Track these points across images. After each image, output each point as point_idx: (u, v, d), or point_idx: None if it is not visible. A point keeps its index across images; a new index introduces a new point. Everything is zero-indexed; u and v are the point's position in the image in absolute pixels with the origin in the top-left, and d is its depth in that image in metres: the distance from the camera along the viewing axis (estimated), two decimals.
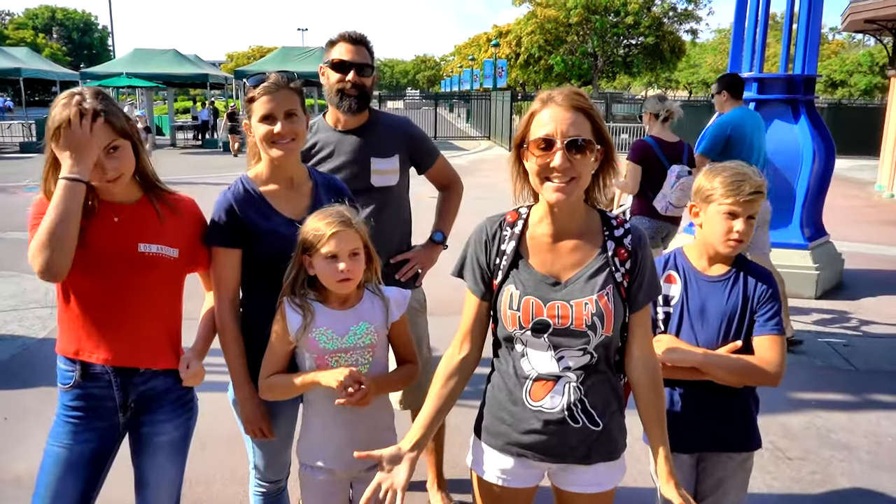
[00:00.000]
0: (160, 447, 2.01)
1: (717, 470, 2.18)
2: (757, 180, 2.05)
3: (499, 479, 1.81)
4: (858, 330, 5.66)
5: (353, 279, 1.95)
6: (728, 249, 2.08)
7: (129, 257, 1.90)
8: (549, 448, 1.73)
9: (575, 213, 1.72)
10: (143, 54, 24.19)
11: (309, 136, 2.73)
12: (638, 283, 1.73)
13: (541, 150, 1.62)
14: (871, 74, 43.30)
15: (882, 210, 12.17)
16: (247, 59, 62.61)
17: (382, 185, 2.74)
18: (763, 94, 6.83)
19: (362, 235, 1.97)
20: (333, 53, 2.68)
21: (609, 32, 38.91)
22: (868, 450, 3.68)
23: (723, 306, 2.08)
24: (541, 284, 1.71)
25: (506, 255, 1.75)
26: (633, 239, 1.74)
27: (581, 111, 1.63)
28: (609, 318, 1.67)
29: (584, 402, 1.71)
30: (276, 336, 2.00)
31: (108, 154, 1.81)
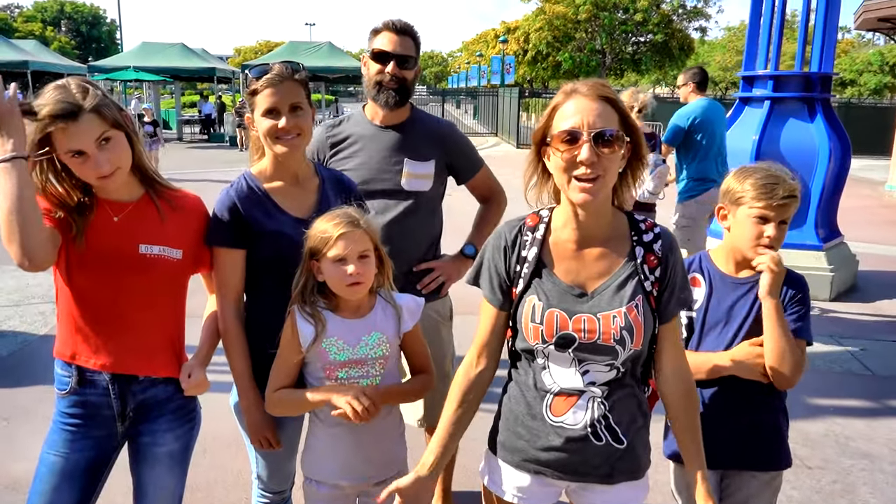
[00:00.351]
0: (160, 458, 1.91)
1: (742, 488, 2.07)
2: (791, 184, 1.94)
3: (514, 497, 1.71)
4: (875, 333, 5.53)
5: (364, 283, 1.84)
6: (757, 254, 1.97)
7: (129, 259, 1.80)
8: (569, 466, 1.62)
9: (601, 216, 1.60)
10: (151, 48, 24.17)
11: (342, 127, 2.63)
12: (668, 291, 1.62)
13: (565, 143, 1.50)
14: (882, 74, 42.91)
15: (894, 210, 12.00)
16: (254, 54, 62.57)
17: (413, 189, 2.56)
18: (778, 91, 6.70)
19: (372, 236, 1.86)
20: (375, 43, 2.53)
21: (618, 29, 38.67)
22: (890, 459, 3.57)
23: (748, 309, 1.99)
24: (566, 296, 1.59)
25: (527, 262, 1.62)
26: (664, 244, 1.62)
27: (608, 102, 1.52)
28: (639, 331, 1.56)
29: (608, 418, 1.60)
30: (285, 347, 1.89)
31: (100, 146, 1.69)
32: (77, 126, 1.65)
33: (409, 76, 2.53)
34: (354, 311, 1.90)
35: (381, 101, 2.52)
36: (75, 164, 1.69)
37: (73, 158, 1.68)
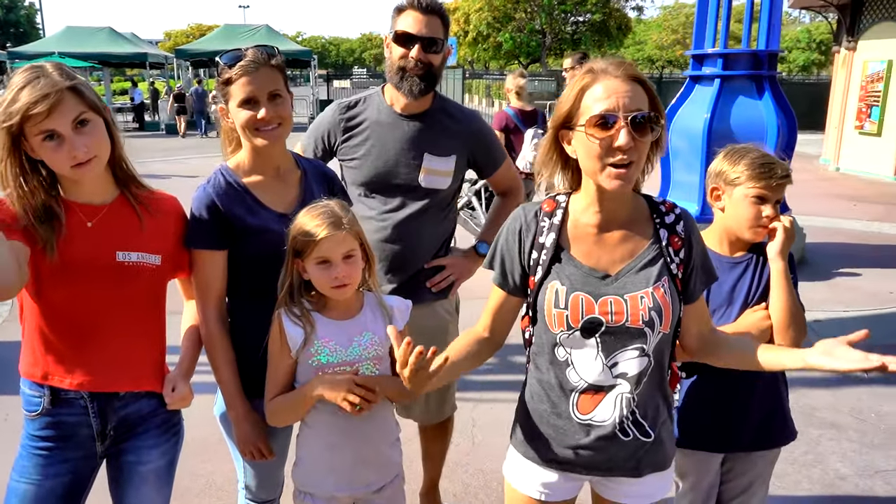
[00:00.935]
0: (146, 477, 1.77)
1: (748, 470, 2.09)
2: (784, 164, 1.95)
3: (540, 494, 1.67)
4: (826, 305, 5.71)
5: (350, 284, 1.75)
6: (754, 236, 1.97)
7: (105, 267, 1.63)
8: (597, 462, 1.58)
9: (625, 200, 1.55)
10: (76, 32, 23.02)
11: (357, 109, 2.41)
12: (693, 271, 1.59)
13: (599, 128, 1.41)
14: (809, 51, 44.55)
15: (831, 183, 12.48)
16: (186, 38, 60.35)
17: (431, 186, 2.38)
18: (728, 70, 6.80)
19: (357, 234, 1.76)
20: (399, 24, 2.28)
21: (557, 9, 38.86)
22: (855, 428, 3.69)
23: (747, 288, 2.00)
24: (589, 278, 1.53)
25: (545, 248, 1.56)
26: (687, 225, 1.58)
27: (638, 82, 1.44)
28: (667, 312, 1.52)
29: (635, 413, 1.55)
30: (274, 353, 1.78)
31: (76, 129, 1.52)
32: (53, 105, 1.47)
33: (437, 61, 2.30)
34: (344, 312, 1.80)
35: (405, 89, 2.29)
36: (48, 149, 1.51)
37: (46, 142, 1.50)
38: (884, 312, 5.52)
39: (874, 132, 13.07)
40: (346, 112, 2.42)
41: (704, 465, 2.08)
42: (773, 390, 2.05)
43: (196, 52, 23.31)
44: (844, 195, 11.09)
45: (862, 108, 13.38)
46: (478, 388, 3.99)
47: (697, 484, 2.10)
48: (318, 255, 1.70)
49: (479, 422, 3.69)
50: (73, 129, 1.51)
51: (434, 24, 2.28)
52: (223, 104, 1.87)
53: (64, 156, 1.51)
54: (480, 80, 31.35)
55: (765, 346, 1.59)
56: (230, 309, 1.95)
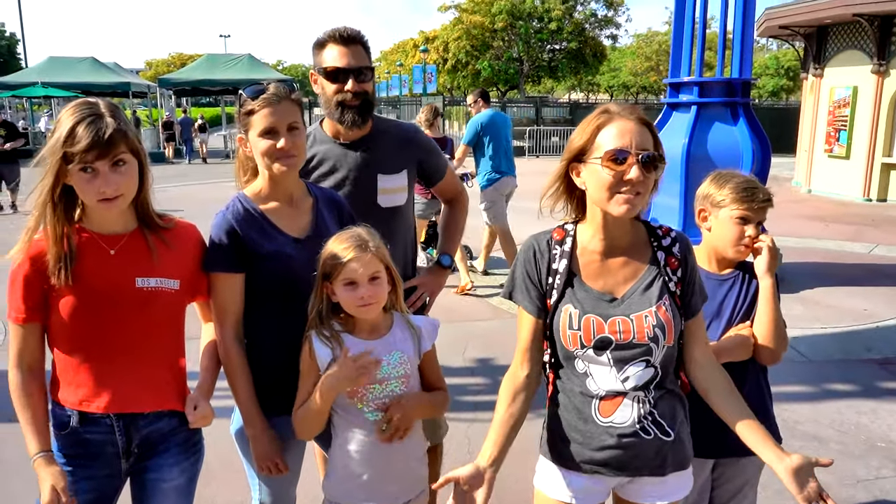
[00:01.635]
0: (167, 494, 1.85)
1: (737, 476, 2.21)
2: (766, 189, 2.12)
3: (571, 498, 1.79)
4: (803, 321, 5.90)
5: (375, 304, 1.86)
6: (737, 255, 2.12)
7: (126, 293, 1.73)
8: (624, 461, 1.71)
9: (626, 227, 1.71)
10: (59, 62, 22.98)
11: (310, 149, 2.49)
12: (690, 289, 1.74)
13: (613, 162, 1.58)
14: (778, 77, 45.80)
15: (803, 205, 12.83)
16: (167, 67, 60.49)
17: (389, 205, 2.50)
18: (703, 97, 7.06)
19: (382, 258, 1.88)
20: (325, 58, 2.36)
21: (534, 38, 39.63)
22: (836, 440, 3.83)
23: (734, 303, 2.15)
24: (599, 302, 1.69)
25: (559, 273, 1.72)
26: (682, 246, 1.75)
27: (646, 126, 1.62)
28: (670, 328, 1.68)
29: (653, 413, 1.70)
30: (305, 373, 1.89)
31: (112, 167, 1.63)
32: (104, 145, 1.59)
33: (370, 88, 2.39)
34: (372, 332, 1.91)
35: (348, 122, 2.37)
36: (81, 179, 1.61)
37: (81, 173, 1.61)
38: (858, 328, 5.72)
39: (843, 155, 13.50)
40: None
41: (696, 470, 2.20)
42: (760, 399, 2.18)
43: (179, 81, 23.38)
44: (816, 216, 11.42)
45: (830, 132, 13.83)
46: (471, 409, 4.09)
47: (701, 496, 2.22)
48: (345, 276, 1.81)
49: (473, 440, 3.78)
50: (109, 167, 1.62)
51: (358, 53, 2.35)
52: (243, 134, 1.99)
53: (94, 189, 1.62)
54: (459, 106, 31.73)
55: (749, 424, 1.69)
56: (247, 330, 2.04)
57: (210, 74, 22.56)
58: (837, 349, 5.27)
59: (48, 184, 1.62)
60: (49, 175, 1.61)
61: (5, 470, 3.50)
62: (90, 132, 1.58)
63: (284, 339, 1.99)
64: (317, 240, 1.98)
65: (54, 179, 1.62)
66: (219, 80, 22.47)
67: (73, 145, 1.57)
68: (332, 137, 2.49)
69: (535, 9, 38.49)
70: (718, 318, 2.14)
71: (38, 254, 1.67)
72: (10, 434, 3.81)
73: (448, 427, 2.84)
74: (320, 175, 2.46)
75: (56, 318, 1.70)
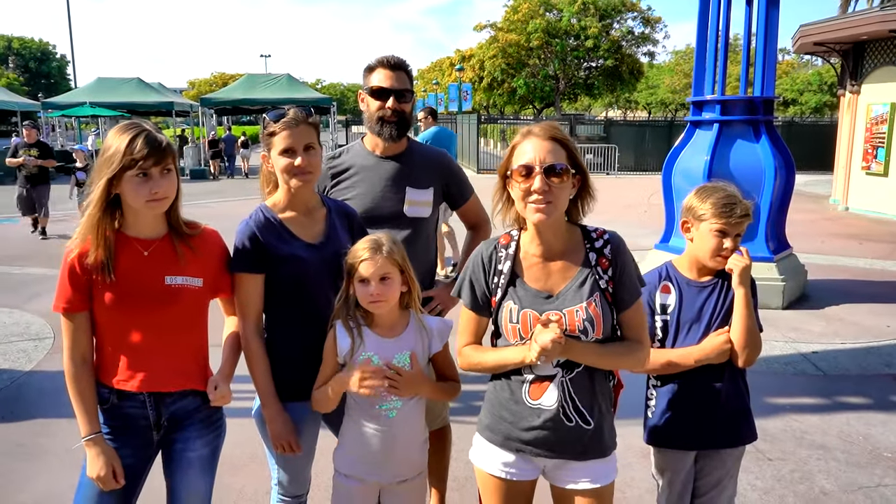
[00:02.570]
0: (191, 463, 2.10)
1: (718, 467, 2.36)
2: (745, 203, 2.28)
3: (501, 472, 1.99)
4: (824, 338, 5.94)
5: (384, 301, 2.09)
6: (716, 264, 2.29)
7: (156, 290, 1.99)
8: (547, 443, 1.91)
9: (558, 232, 1.92)
10: (107, 83, 24.05)
11: (342, 158, 2.80)
12: (620, 285, 1.92)
13: (523, 176, 1.82)
14: (821, 93, 45.07)
15: (838, 222, 12.70)
16: (209, 87, 62.32)
17: (414, 215, 2.74)
18: (726, 115, 7.17)
19: (394, 260, 2.09)
20: (372, 80, 2.69)
21: (570, 55, 39.86)
22: (842, 449, 3.90)
23: (712, 308, 2.31)
24: (536, 299, 1.89)
25: (503, 274, 1.94)
26: (612, 247, 1.93)
27: (557, 141, 1.84)
28: (598, 321, 1.86)
29: (574, 400, 1.89)
30: (327, 355, 2.15)
31: (161, 174, 1.92)
32: (159, 155, 1.90)
33: (408, 108, 2.71)
34: (390, 329, 2.15)
35: (385, 135, 2.68)
36: (135, 183, 1.89)
37: (136, 178, 1.89)
38: (878, 344, 5.73)
39: (881, 172, 13.34)
40: (331, 162, 2.81)
41: (679, 462, 2.37)
42: (737, 394, 2.33)
43: (220, 101, 24.19)
44: (851, 234, 11.31)
45: (868, 149, 13.68)
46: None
47: (674, 479, 2.38)
48: (359, 275, 2.08)
49: None
50: (160, 173, 1.92)
51: (402, 78, 2.69)
52: (266, 152, 2.25)
53: (146, 190, 1.91)
54: (495, 124, 32.03)
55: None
56: (266, 324, 2.29)
57: (249, 94, 23.31)
58: (854, 364, 5.30)
59: (102, 191, 1.90)
60: (104, 183, 1.89)
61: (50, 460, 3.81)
62: (149, 143, 1.88)
63: (298, 332, 2.26)
64: (329, 245, 2.24)
65: (107, 187, 1.90)
66: (258, 99, 23.17)
67: (133, 153, 1.87)
68: (371, 151, 2.79)
69: (571, 27, 38.74)
70: (698, 323, 2.30)
71: (84, 252, 1.95)
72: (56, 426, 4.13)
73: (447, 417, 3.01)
74: (353, 182, 2.75)
75: (98, 309, 1.98)
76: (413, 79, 2.77)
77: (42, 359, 5.40)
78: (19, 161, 10.85)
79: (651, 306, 2.34)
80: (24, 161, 10.81)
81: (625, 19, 40.78)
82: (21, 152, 10.94)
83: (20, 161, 10.84)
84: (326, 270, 2.22)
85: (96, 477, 1.95)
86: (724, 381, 2.28)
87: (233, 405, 2.24)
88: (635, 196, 16.47)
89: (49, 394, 4.67)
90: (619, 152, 23.61)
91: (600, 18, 38.87)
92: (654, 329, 2.33)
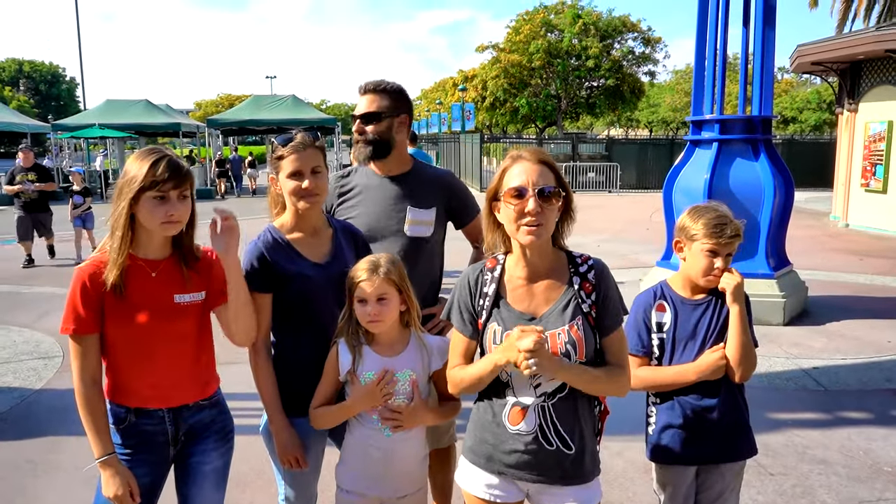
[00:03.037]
0: (207, 475, 2.16)
1: (718, 482, 2.41)
2: (736, 223, 2.34)
3: (486, 494, 2.00)
4: (824, 353, 5.98)
5: (381, 321, 2.15)
6: (707, 283, 2.36)
7: (167, 308, 2.06)
8: (527, 466, 1.93)
9: (544, 255, 1.95)
10: (115, 105, 24.26)
11: (350, 178, 2.87)
12: (603, 310, 1.93)
13: (515, 198, 1.85)
14: (820, 111, 45.27)
15: (838, 239, 12.75)
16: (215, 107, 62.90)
17: (415, 234, 2.77)
18: (725, 134, 7.27)
19: (392, 280, 2.15)
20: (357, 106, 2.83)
21: (571, 75, 40.14)
22: (843, 464, 3.94)
23: (707, 325, 2.37)
24: (519, 321, 1.91)
25: (488, 296, 1.97)
26: (596, 273, 1.94)
27: (546, 164, 1.89)
28: (581, 345, 1.87)
29: (556, 424, 1.90)
30: (328, 372, 2.21)
31: (179, 198, 2.00)
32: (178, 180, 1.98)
33: (375, 130, 2.75)
34: (390, 348, 2.21)
35: (361, 157, 2.78)
36: (153, 204, 1.97)
37: (154, 199, 1.97)
38: (880, 360, 5.77)
39: (879, 189, 13.41)
40: (339, 181, 2.89)
41: (680, 476, 2.41)
42: (735, 409, 2.38)
43: (226, 122, 24.43)
44: (851, 250, 11.35)
45: (866, 166, 13.77)
46: None
47: (675, 494, 2.43)
48: (357, 294, 2.14)
49: None
50: (177, 197, 2.00)
51: (372, 100, 2.76)
52: (274, 175, 2.33)
53: (163, 212, 1.98)
54: (498, 143, 32.27)
55: None
56: (274, 341, 2.36)
57: (255, 115, 23.56)
58: (856, 380, 5.34)
59: (125, 212, 1.97)
60: (125, 204, 1.97)
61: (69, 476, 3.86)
62: (171, 167, 1.97)
63: (304, 348, 2.32)
64: (335, 264, 2.32)
65: (129, 209, 1.98)
66: (263, 120, 23.42)
67: (155, 175, 1.95)
68: (376, 171, 2.85)
69: (572, 47, 39.06)
70: (693, 340, 2.36)
71: (97, 272, 2.01)
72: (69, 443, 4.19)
73: (455, 437, 3.06)
74: (357, 202, 2.82)
75: (111, 329, 2.04)
76: (398, 98, 2.80)
77: (52, 377, 5.47)
78: (17, 188, 10.24)
79: (647, 324, 2.40)
80: (24, 188, 10.22)
81: (625, 39, 41.09)
82: (18, 177, 10.29)
83: (17, 188, 10.23)
84: (332, 288, 2.29)
85: (113, 497, 1.99)
86: (722, 396, 2.34)
87: (240, 421, 2.31)
88: (637, 213, 16.55)
89: (59, 411, 4.73)
90: (621, 170, 23.73)
91: (601, 39, 39.20)
92: (651, 347, 2.39)
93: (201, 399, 2.16)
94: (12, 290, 8.58)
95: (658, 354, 2.39)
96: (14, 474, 3.88)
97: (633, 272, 8.65)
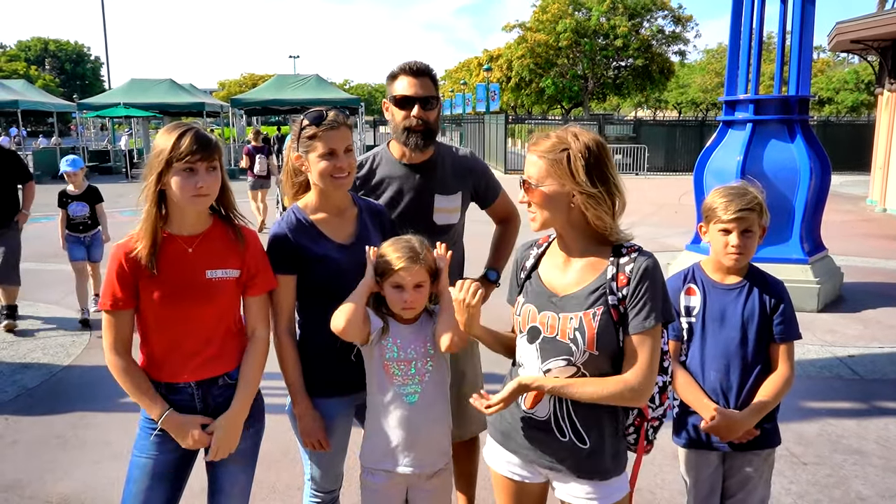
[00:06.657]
0: (233, 456, 2.13)
1: (744, 466, 2.34)
2: (747, 197, 2.24)
3: (509, 473, 2.00)
4: (860, 341, 5.83)
5: (416, 308, 2.12)
6: (729, 262, 2.26)
7: (198, 284, 2.04)
8: (539, 452, 1.90)
9: (573, 238, 1.88)
10: (140, 84, 24.35)
11: (369, 167, 2.73)
12: (633, 308, 1.78)
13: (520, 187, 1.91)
14: (857, 91, 44.07)
15: (875, 224, 12.42)
16: (239, 87, 63.14)
17: (444, 223, 2.70)
18: (759, 115, 7.06)
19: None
20: (396, 88, 2.58)
21: (599, 55, 39.56)
22: (879, 454, 3.82)
23: (739, 313, 2.27)
24: (541, 296, 1.90)
25: (525, 269, 1.99)
26: (636, 268, 1.79)
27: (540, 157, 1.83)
28: (591, 335, 1.78)
29: (572, 417, 1.84)
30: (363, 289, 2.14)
31: (207, 171, 1.96)
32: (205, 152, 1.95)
33: (433, 116, 2.60)
34: (410, 320, 2.18)
35: (411, 145, 2.58)
36: (182, 177, 1.94)
37: (183, 172, 1.94)
38: None
39: None
40: (358, 171, 2.64)
41: (704, 461, 2.36)
42: None
43: (250, 102, 24.44)
44: (889, 235, 11.06)
45: None
46: None
47: (700, 478, 2.38)
48: (395, 281, 2.10)
49: None
50: (205, 169, 1.96)
51: (426, 84, 2.57)
52: (303, 154, 2.25)
53: (192, 185, 1.94)
54: (523, 124, 31.92)
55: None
56: (299, 321, 2.33)
57: (279, 94, 23.52)
58: (893, 368, 5.19)
59: (154, 185, 1.95)
60: (154, 177, 1.94)
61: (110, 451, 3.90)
62: (197, 139, 1.94)
63: (329, 330, 2.23)
64: (360, 245, 2.25)
65: (157, 182, 1.95)
66: (287, 100, 23.35)
67: (180, 148, 1.92)
68: (398, 159, 2.71)
69: (600, 26, 38.45)
70: (721, 329, 2.28)
71: (131, 249, 1.99)
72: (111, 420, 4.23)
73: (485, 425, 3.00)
74: (384, 192, 2.70)
75: (145, 306, 2.03)
76: (438, 83, 2.67)
77: (80, 353, 5.54)
78: None
79: (676, 309, 2.33)
80: None
81: (655, 18, 40.34)
82: None
83: None
84: (358, 270, 2.22)
85: (193, 444, 2.04)
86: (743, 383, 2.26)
87: (267, 401, 2.27)
88: (665, 197, 16.29)
89: (87, 387, 4.78)
90: (649, 152, 23.34)
91: (630, 17, 38.51)
92: (681, 332, 2.33)
93: (230, 371, 2.12)
94: (39, 268, 8.68)
95: (687, 339, 2.33)
96: (43, 449, 3.93)
97: (662, 256, 8.46)
